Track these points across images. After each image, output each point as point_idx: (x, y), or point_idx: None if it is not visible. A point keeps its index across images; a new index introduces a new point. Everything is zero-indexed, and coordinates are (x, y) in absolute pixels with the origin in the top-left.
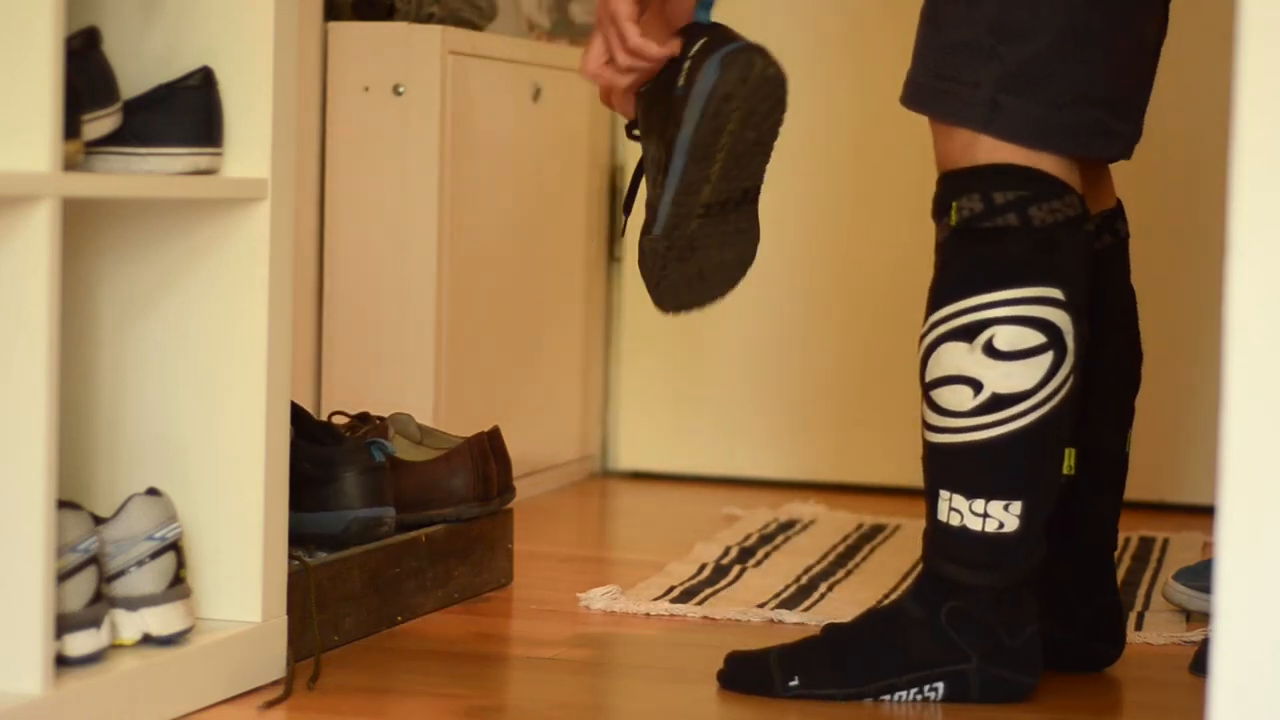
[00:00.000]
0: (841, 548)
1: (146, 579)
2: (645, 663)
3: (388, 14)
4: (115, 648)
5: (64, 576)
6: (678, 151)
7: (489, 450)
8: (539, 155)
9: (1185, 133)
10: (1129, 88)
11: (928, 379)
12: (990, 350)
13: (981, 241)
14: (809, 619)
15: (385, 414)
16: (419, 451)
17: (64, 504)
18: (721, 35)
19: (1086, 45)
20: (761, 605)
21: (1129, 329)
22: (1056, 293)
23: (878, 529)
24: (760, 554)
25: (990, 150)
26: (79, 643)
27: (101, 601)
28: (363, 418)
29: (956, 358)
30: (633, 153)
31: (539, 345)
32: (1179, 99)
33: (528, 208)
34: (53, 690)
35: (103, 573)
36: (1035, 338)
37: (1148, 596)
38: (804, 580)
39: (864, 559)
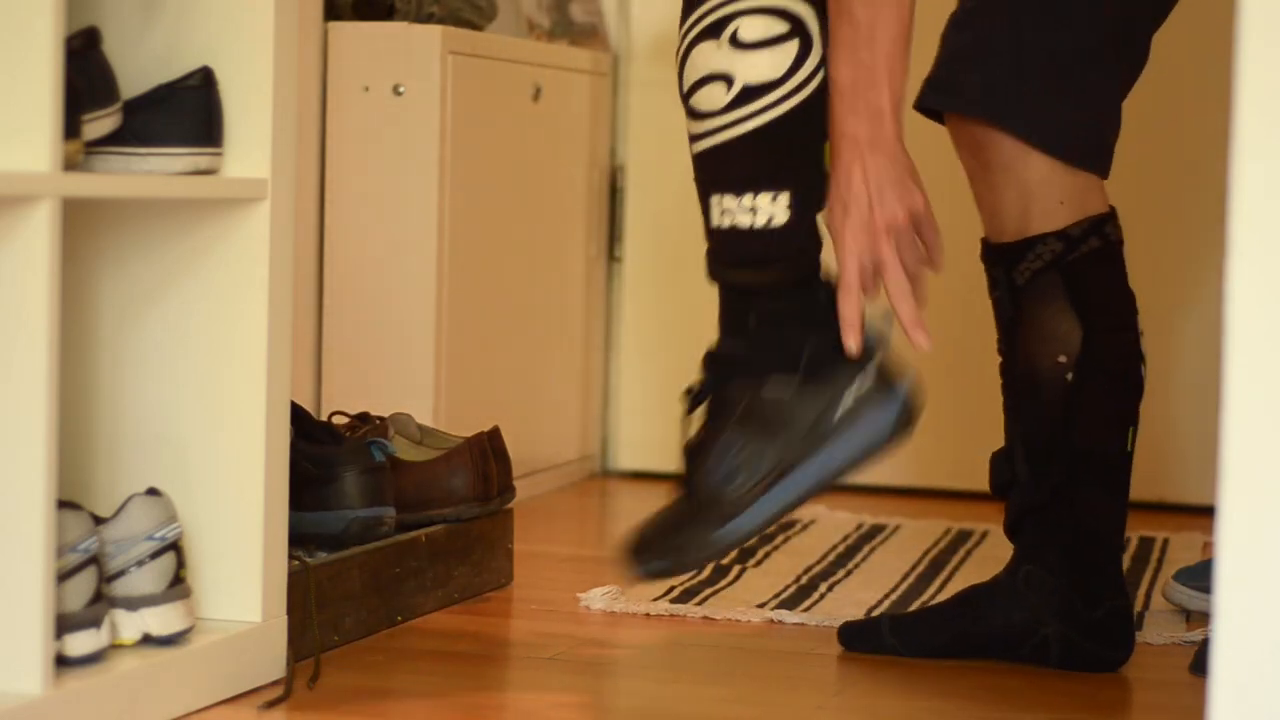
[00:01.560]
0: (841, 548)
1: (146, 579)
2: (645, 663)
3: (388, 14)
4: (115, 648)
5: (64, 576)
6: (803, 474)
7: (489, 450)
8: (539, 155)
9: (1185, 133)
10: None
11: (685, 88)
12: (735, 42)
13: None
14: (809, 619)
15: (385, 414)
16: (419, 451)
17: (64, 504)
18: (886, 355)
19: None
20: (761, 605)
21: (1126, 331)
22: None
23: (878, 529)
24: (760, 554)
25: None
26: (79, 643)
27: (101, 601)
28: (363, 418)
29: (705, 55)
30: (633, 151)
31: (539, 345)
32: (1179, 99)
33: (528, 208)
34: (53, 690)
35: (103, 573)
36: (778, 26)
37: (1148, 596)
38: (804, 580)
39: (864, 559)
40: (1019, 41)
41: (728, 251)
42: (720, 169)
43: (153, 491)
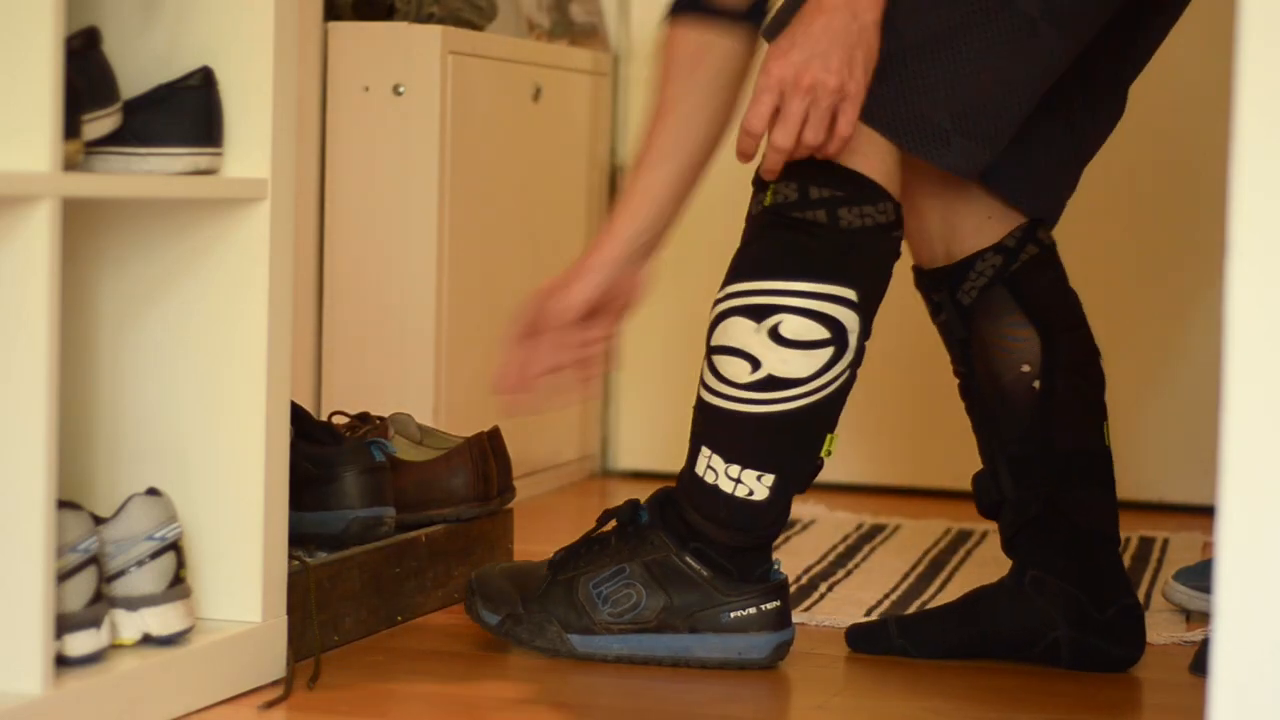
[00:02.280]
0: (841, 548)
1: (146, 579)
2: (645, 662)
3: (388, 14)
4: (115, 648)
5: (64, 576)
6: (665, 641)
7: (489, 450)
8: (539, 155)
9: (1185, 133)
10: (995, 120)
11: (712, 343)
12: (775, 335)
13: (789, 229)
14: (809, 619)
15: (385, 414)
16: (419, 451)
17: (64, 504)
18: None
19: (951, 57)
20: None
21: (1078, 329)
22: (849, 293)
23: (878, 529)
24: None
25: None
26: (79, 643)
27: (101, 601)
28: (363, 418)
29: (742, 333)
30: (632, 152)
31: None
32: (1179, 99)
33: (528, 208)
34: (53, 690)
35: (103, 573)
36: (819, 332)
37: (1148, 596)
38: (804, 580)
39: (864, 559)
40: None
41: (699, 501)
42: (720, 431)
43: (153, 491)
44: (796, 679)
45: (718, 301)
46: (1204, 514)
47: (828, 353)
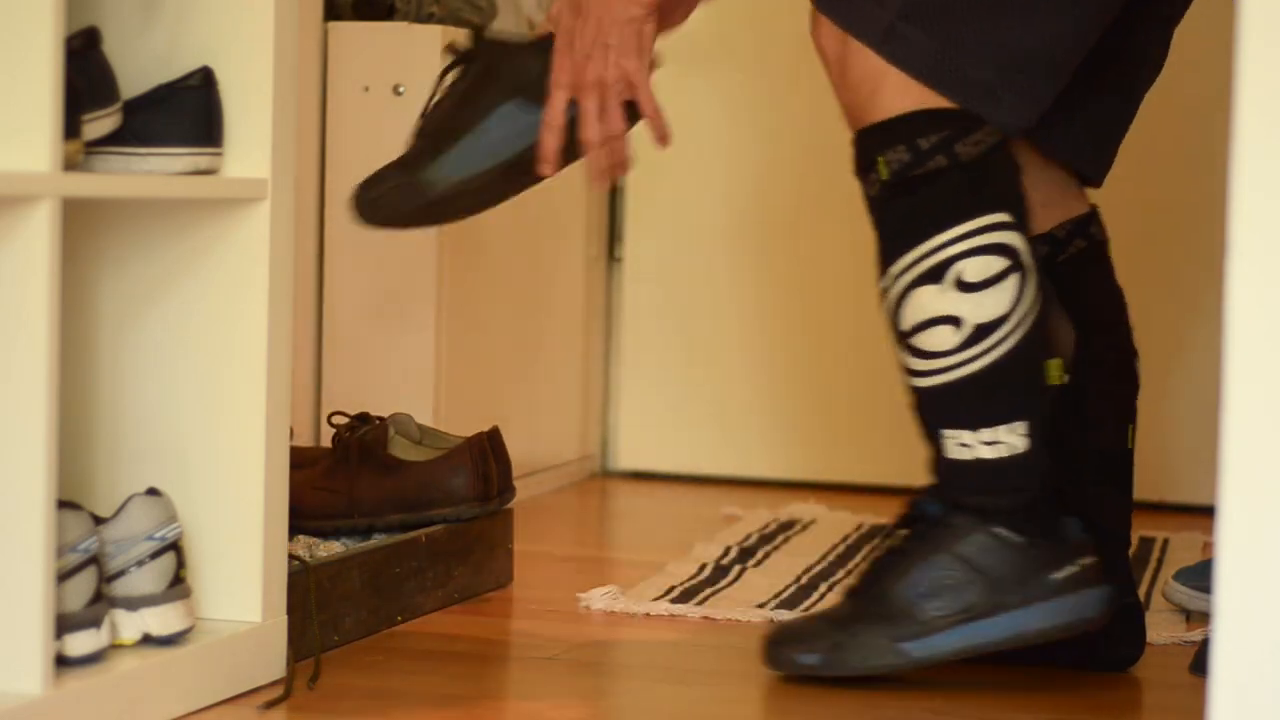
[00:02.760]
0: (841, 548)
1: (146, 579)
2: (645, 663)
3: (388, 14)
4: (115, 648)
5: (64, 576)
6: (1001, 622)
7: (489, 450)
8: None
9: (1185, 132)
10: (1050, 72)
11: (904, 327)
12: (961, 285)
13: (918, 187)
14: None
15: (385, 414)
16: (419, 451)
17: (64, 504)
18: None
19: (1004, 7)
20: (761, 605)
21: (1118, 329)
22: (1004, 216)
23: (878, 529)
24: (760, 554)
25: (896, 97)
26: (79, 643)
27: (101, 601)
28: (363, 418)
29: (930, 300)
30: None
31: (539, 345)
32: (1179, 99)
33: (528, 208)
34: (53, 690)
35: (103, 573)
36: (999, 263)
37: (1148, 596)
38: (804, 580)
39: (864, 559)
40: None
41: (967, 482)
42: (954, 405)
43: (153, 491)
44: (796, 679)
45: (886, 290)
46: (1204, 514)
47: (1015, 278)
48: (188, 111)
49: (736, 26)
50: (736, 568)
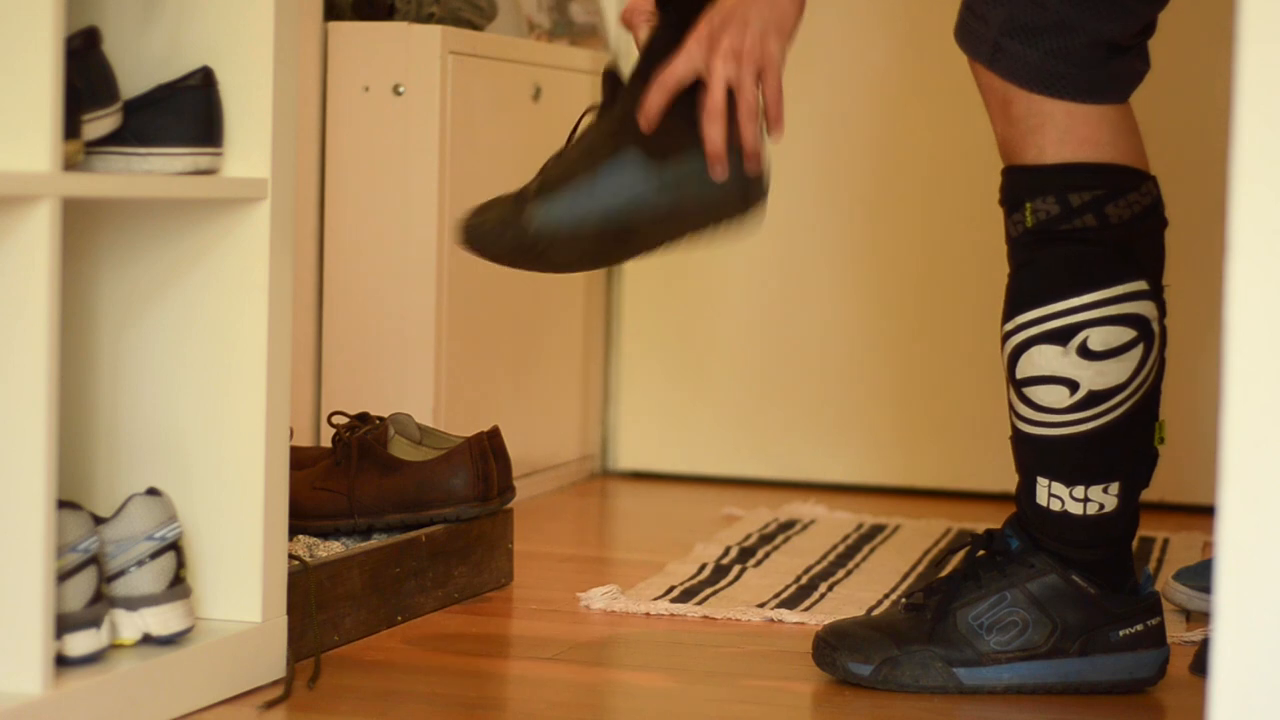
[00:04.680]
0: (841, 548)
1: (146, 579)
2: (645, 663)
3: (388, 14)
4: (115, 648)
5: (64, 576)
6: (1055, 667)
7: (489, 450)
8: (539, 155)
9: (1185, 132)
10: (1127, 33)
11: (1019, 376)
12: (1085, 352)
13: (1062, 242)
14: (809, 619)
15: (385, 414)
16: (419, 451)
17: (64, 504)
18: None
19: (1086, 6)
20: (761, 605)
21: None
22: (1141, 285)
23: (878, 529)
24: (760, 554)
25: (1055, 143)
26: (79, 643)
27: (101, 601)
28: (363, 418)
29: (1051, 360)
30: None
31: (539, 345)
32: (1179, 99)
33: None
34: (53, 690)
35: (103, 573)
36: (1126, 334)
37: None
38: (804, 580)
39: (864, 559)
40: None
41: (1050, 529)
42: (1054, 458)
43: (153, 491)
44: (796, 679)
45: (1010, 334)
46: (1204, 514)
47: (1139, 350)
48: (188, 111)
49: None
50: (736, 568)
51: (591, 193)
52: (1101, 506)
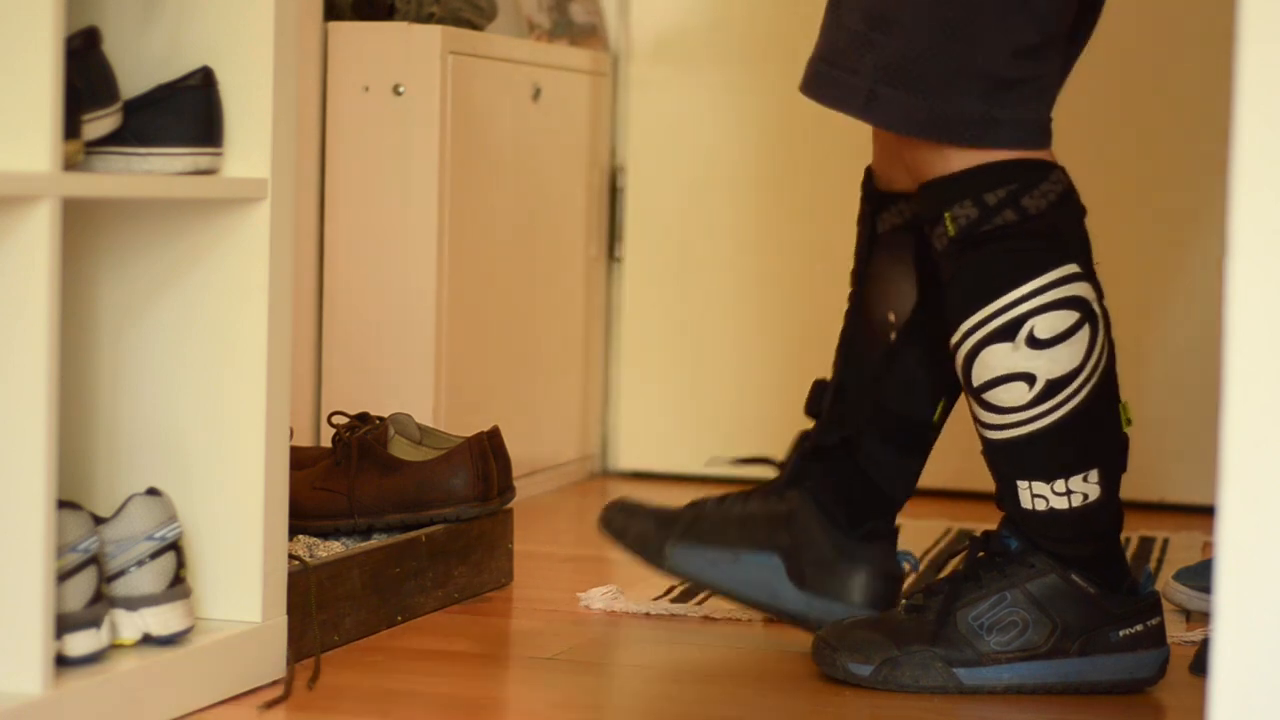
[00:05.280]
0: None
1: (146, 579)
2: (645, 663)
3: (388, 14)
4: (115, 648)
5: (64, 576)
6: (1053, 667)
7: (489, 450)
8: (539, 155)
9: (1185, 132)
10: (1014, 73)
11: (976, 384)
12: (1034, 342)
13: (987, 243)
14: None
15: (385, 414)
16: (419, 451)
17: (64, 504)
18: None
19: (955, 37)
20: None
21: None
22: (1072, 268)
23: None
24: None
25: (960, 152)
26: (79, 643)
27: (101, 601)
28: (363, 418)
29: (1003, 358)
30: (633, 151)
31: (539, 345)
32: (1179, 99)
33: (528, 208)
34: (53, 690)
35: (103, 573)
36: (1071, 317)
37: None
38: None
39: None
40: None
41: (1043, 529)
42: (1028, 458)
43: (153, 491)
44: (796, 679)
45: (958, 345)
46: (1204, 514)
47: (1086, 332)
48: (188, 111)
49: (739, 26)
50: None
51: (730, 571)
52: (1086, 496)
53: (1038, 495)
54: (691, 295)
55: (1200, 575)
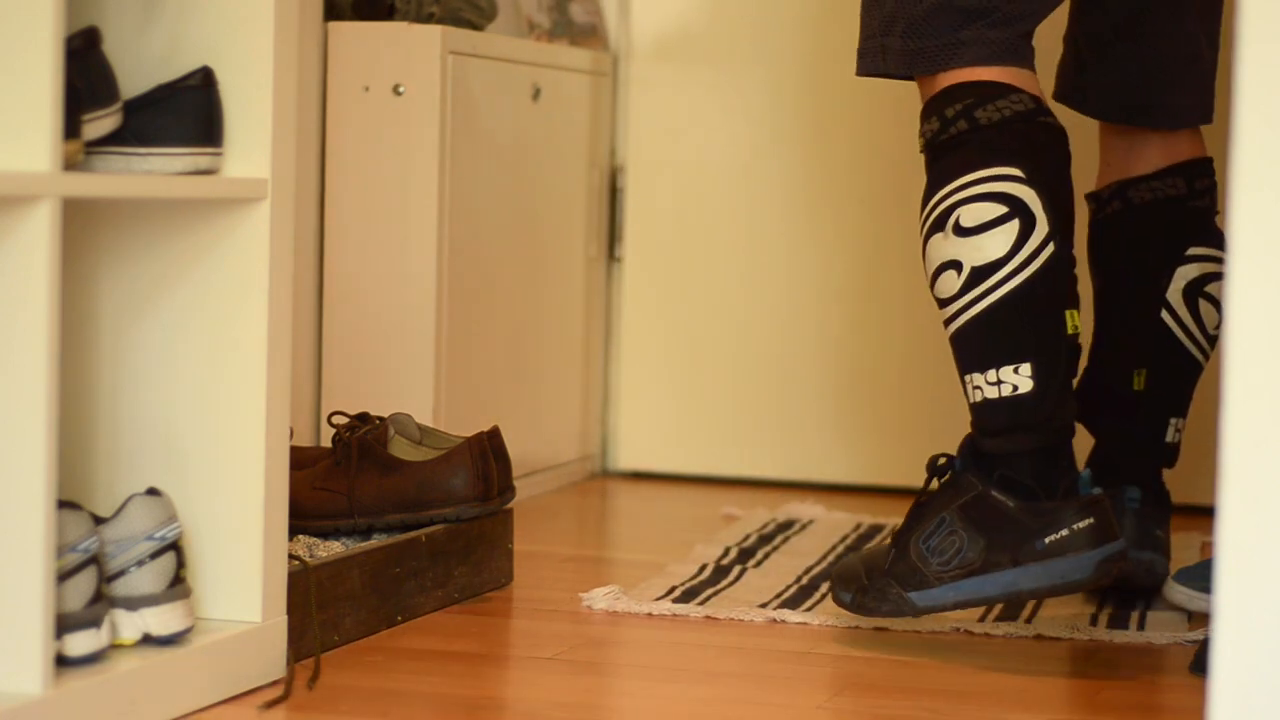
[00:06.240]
0: (841, 548)
1: (146, 579)
2: (646, 663)
3: (388, 14)
4: (115, 648)
5: (64, 576)
6: (993, 580)
7: (489, 450)
8: (539, 155)
9: None
10: (979, 2)
11: (928, 279)
12: (959, 230)
13: (945, 151)
14: (811, 619)
15: (385, 414)
16: (419, 451)
17: (64, 504)
18: (1108, 514)
19: None
20: (764, 605)
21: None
22: (1013, 170)
23: (877, 529)
24: (760, 554)
25: (940, 79)
26: (79, 643)
27: (101, 601)
28: (363, 418)
29: (937, 248)
30: (633, 151)
31: (539, 345)
32: None
33: (528, 208)
34: (53, 690)
35: (103, 573)
36: (996, 209)
37: (1148, 597)
38: (804, 580)
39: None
40: None
41: (983, 423)
42: (967, 349)
43: (153, 491)
44: (796, 679)
45: (921, 245)
46: (1204, 514)
47: (1014, 225)
48: (188, 111)
49: (738, 26)
50: (737, 568)
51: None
52: (1015, 388)
53: (975, 387)
54: (691, 295)
55: (1200, 576)
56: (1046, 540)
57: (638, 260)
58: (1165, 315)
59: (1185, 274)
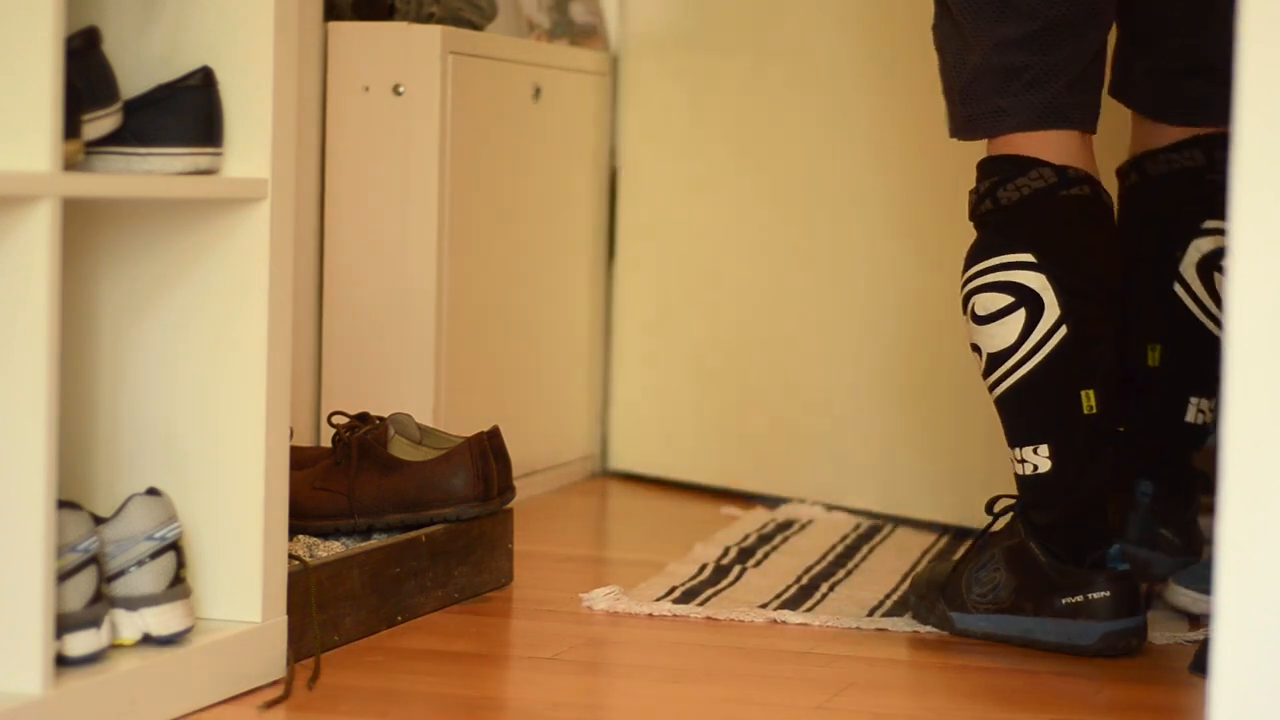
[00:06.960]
0: (840, 548)
1: (146, 579)
2: (646, 663)
3: (388, 14)
4: (115, 648)
5: (64, 576)
6: (1012, 622)
7: (489, 450)
8: (539, 155)
9: None
10: (1014, 61)
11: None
12: (975, 318)
13: (978, 227)
14: (812, 619)
15: (385, 414)
16: (419, 451)
17: (64, 504)
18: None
19: (963, 47)
20: (764, 605)
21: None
22: (1024, 256)
23: (875, 529)
24: (760, 554)
25: (987, 147)
26: (79, 643)
27: (101, 601)
28: (363, 418)
29: (967, 328)
30: (633, 151)
31: (539, 345)
32: None
33: (528, 208)
34: (53, 690)
35: (103, 573)
36: (1003, 300)
37: (1149, 598)
38: (805, 580)
39: (863, 559)
40: None
41: (1020, 494)
42: (1003, 424)
43: (153, 491)
44: (796, 679)
45: None
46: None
47: (1020, 315)
48: (188, 111)
49: (739, 26)
50: (737, 568)
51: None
52: (1036, 467)
53: (1012, 459)
54: (691, 295)
55: (1201, 577)
56: (1064, 601)
57: (638, 260)
58: (1178, 288)
59: (1200, 247)
